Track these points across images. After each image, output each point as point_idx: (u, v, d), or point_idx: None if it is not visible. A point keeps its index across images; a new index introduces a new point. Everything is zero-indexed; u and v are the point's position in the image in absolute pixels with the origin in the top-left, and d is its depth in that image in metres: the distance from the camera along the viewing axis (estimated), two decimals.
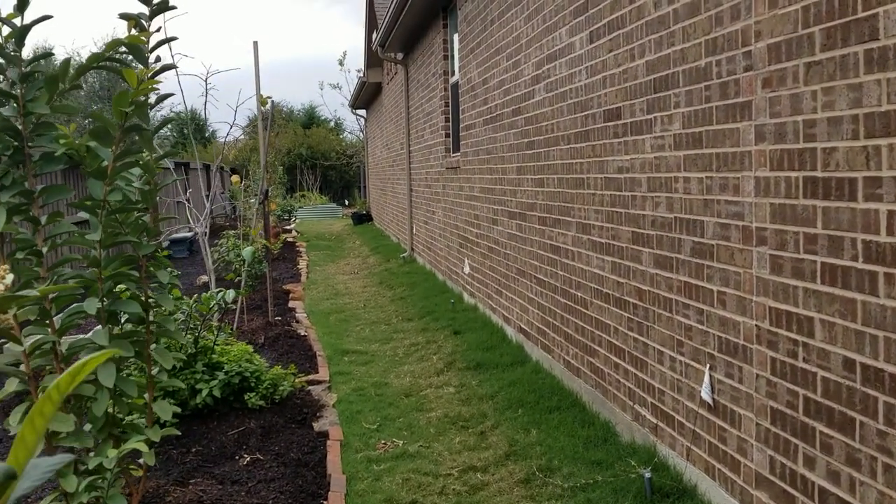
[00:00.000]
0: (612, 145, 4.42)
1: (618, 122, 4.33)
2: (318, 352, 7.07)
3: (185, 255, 15.34)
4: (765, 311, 2.98)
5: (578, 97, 4.93)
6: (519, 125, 6.34)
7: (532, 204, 6.06)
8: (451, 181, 9.53)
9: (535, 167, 5.95)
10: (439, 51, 10.18)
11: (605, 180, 4.54)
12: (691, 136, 3.52)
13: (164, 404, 3.72)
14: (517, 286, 6.63)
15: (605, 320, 4.64)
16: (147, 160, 3.51)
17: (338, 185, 34.72)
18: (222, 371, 5.22)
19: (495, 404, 5.30)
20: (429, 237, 11.45)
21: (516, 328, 6.72)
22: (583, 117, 4.87)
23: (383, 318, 8.68)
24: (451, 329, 7.64)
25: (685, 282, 3.61)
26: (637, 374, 4.19)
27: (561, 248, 5.40)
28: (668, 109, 3.72)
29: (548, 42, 5.52)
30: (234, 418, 5.14)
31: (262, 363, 5.50)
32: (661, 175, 3.81)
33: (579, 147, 4.95)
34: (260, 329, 7.83)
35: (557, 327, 5.57)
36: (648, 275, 3.99)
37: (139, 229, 3.55)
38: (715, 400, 3.37)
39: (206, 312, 4.79)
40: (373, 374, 6.38)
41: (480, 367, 6.20)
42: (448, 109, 10.07)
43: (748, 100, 3.06)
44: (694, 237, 3.51)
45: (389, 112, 17.11)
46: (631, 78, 4.14)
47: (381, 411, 5.36)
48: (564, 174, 5.26)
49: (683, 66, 3.57)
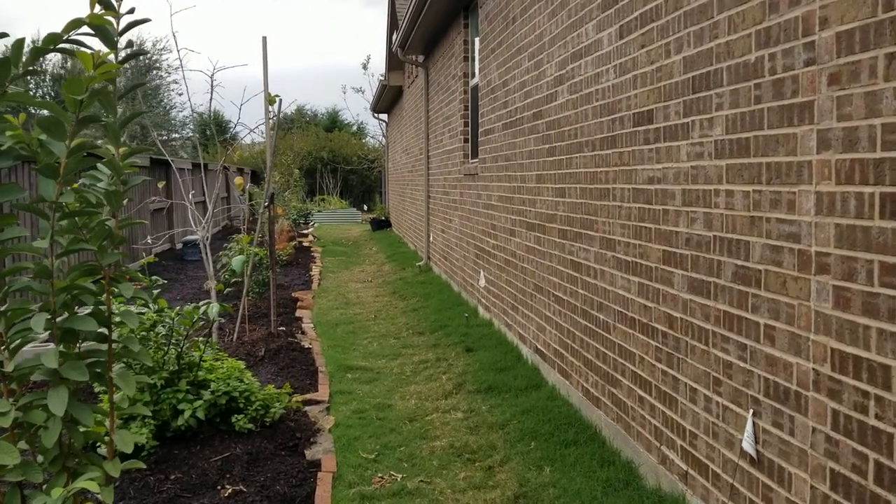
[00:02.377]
0: (641, 152, 3.94)
1: (649, 127, 3.85)
2: (321, 367, 6.64)
3: (198, 258, 15.04)
4: (825, 352, 2.49)
5: (605, 99, 4.46)
6: (540, 130, 5.87)
7: (552, 215, 5.58)
8: (469, 188, 9.07)
9: (555, 175, 5.48)
10: (459, 52, 9.74)
11: (633, 191, 4.06)
12: (736, 142, 3.03)
13: (124, 435, 3.28)
14: (534, 303, 6.15)
15: (629, 347, 4.15)
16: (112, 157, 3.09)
17: (358, 189, 34.39)
18: (208, 390, 4.79)
19: (506, 434, 4.81)
20: (445, 246, 11.00)
21: (532, 348, 6.24)
22: (609, 121, 4.39)
23: (393, 331, 8.23)
24: (464, 346, 7.17)
25: (725, 311, 3.11)
26: (665, 411, 3.69)
27: (582, 264, 4.92)
28: (709, 112, 3.24)
29: (572, 39, 5.05)
30: (219, 442, 4.71)
31: (254, 382, 5.06)
32: (699, 187, 3.33)
33: (605, 154, 4.48)
34: (261, 340, 7.41)
35: (576, 351, 5.08)
36: (681, 300, 3.50)
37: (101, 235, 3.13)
38: (759, 452, 2.87)
39: (189, 327, 4.37)
40: (376, 394, 5.92)
41: (492, 391, 5.72)
42: (467, 113, 9.63)
43: (809, 100, 2.57)
44: (737, 260, 3.02)
45: (409, 116, 16.71)
46: (665, 77, 3.66)
47: (381, 438, 4.90)
48: (588, 184, 4.78)
49: (728, 62, 3.08)
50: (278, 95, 7.45)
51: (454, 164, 10.20)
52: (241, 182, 7.15)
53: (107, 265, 3.14)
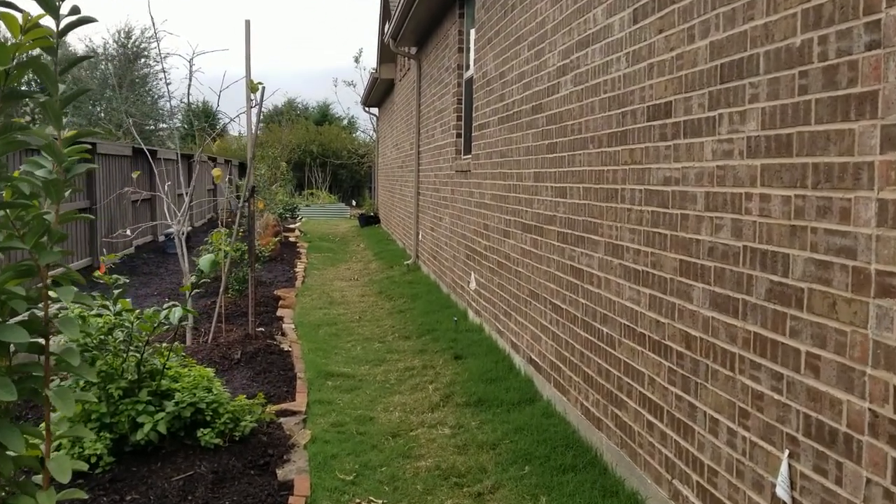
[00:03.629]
0: (657, 150, 3.54)
1: (666, 121, 3.44)
2: (299, 373, 6.21)
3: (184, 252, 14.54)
4: (886, 391, 2.09)
5: (615, 90, 4.05)
6: (539, 124, 5.46)
7: (551, 217, 5.17)
8: (461, 186, 8.65)
9: (556, 174, 5.07)
10: (454, 43, 9.31)
11: (645, 193, 3.65)
12: (775, 139, 2.63)
13: (61, 461, 2.84)
14: (528, 310, 5.74)
15: (637, 366, 3.74)
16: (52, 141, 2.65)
17: (348, 184, 33.89)
18: (172, 401, 4.36)
19: (497, 456, 4.40)
20: (435, 245, 10.58)
21: (525, 358, 5.83)
22: (619, 115, 3.99)
23: (378, 335, 7.81)
24: (452, 352, 6.75)
25: (756, 333, 2.71)
26: (679, 441, 3.29)
27: (584, 271, 4.51)
28: (741, 104, 2.84)
29: (578, 26, 4.64)
30: (182, 459, 4.28)
31: (223, 392, 4.62)
32: (726, 190, 2.92)
33: (613, 151, 4.07)
34: (237, 342, 6.97)
35: (575, 365, 4.67)
36: (701, 317, 3.10)
37: (38, 231, 2.69)
38: (795, 500, 2.47)
39: (150, 332, 3.94)
40: (358, 404, 5.50)
41: (482, 404, 5.31)
42: (461, 107, 9.20)
43: (871, 90, 2.17)
44: (773, 275, 2.62)
45: (401, 110, 16.26)
46: (688, 65, 3.25)
47: (361, 456, 4.48)
48: (592, 183, 4.37)
49: (767, 47, 2.68)
50: (261, 83, 7.01)
51: (445, 161, 9.78)
52: (220, 174, 6.70)
53: (45, 265, 2.71)
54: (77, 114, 32.59)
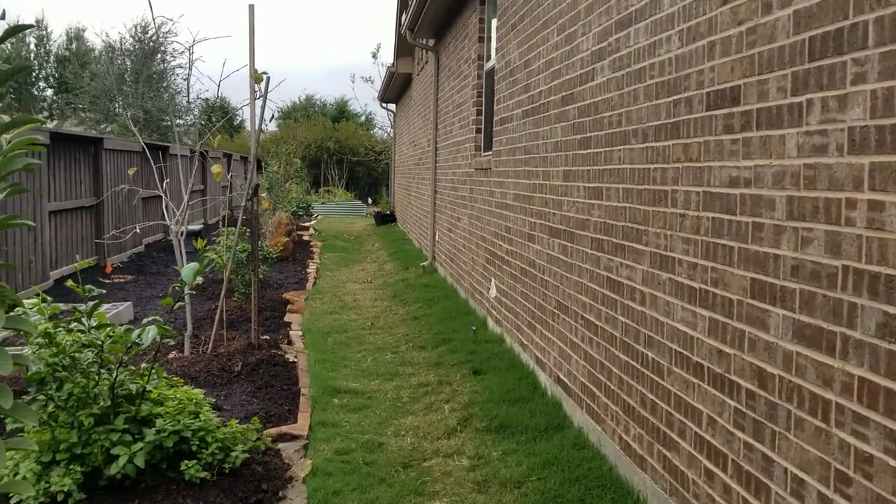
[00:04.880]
0: (720, 145, 2.95)
1: (733, 110, 2.85)
2: (303, 388, 5.67)
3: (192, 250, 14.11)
4: None
5: (664, 75, 3.46)
6: (570, 116, 4.88)
7: (583, 221, 4.59)
8: (480, 184, 8.08)
9: (589, 172, 4.49)
10: (474, 32, 8.73)
11: (704, 196, 3.07)
12: (890, 131, 2.04)
13: None
14: (556, 324, 5.16)
15: (692, 401, 3.16)
16: None
17: (365, 181, 33.38)
18: (153, 429, 3.83)
19: (523, 497, 3.83)
20: (452, 247, 10.01)
21: (552, 377, 5.25)
22: (670, 104, 3.40)
23: (391, 344, 7.26)
24: (471, 366, 6.19)
25: (862, 378, 2.13)
26: (749, 499, 2.71)
27: (624, 284, 3.93)
28: (839, 87, 2.25)
29: (618, 3, 4.06)
30: (164, 496, 3.75)
31: (212, 418, 4.08)
32: (818, 194, 2.33)
33: (661, 146, 3.48)
34: (239, 352, 6.45)
35: (613, 392, 4.09)
36: (781, 351, 2.51)
37: None
38: None
39: (122, 353, 3.42)
40: (366, 426, 4.95)
41: (504, 430, 4.74)
42: (481, 101, 8.62)
43: None
44: (888, 306, 2.03)
45: (418, 105, 15.71)
46: (763, 40, 2.66)
47: (367, 492, 3.93)
48: (635, 183, 3.79)
49: (880, 12, 2.09)
50: (265, 73, 6.48)
51: (464, 158, 9.21)
52: (219, 171, 6.18)
53: None
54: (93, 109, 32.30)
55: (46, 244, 9.91)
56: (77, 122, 33.30)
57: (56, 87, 37.72)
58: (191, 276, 3.41)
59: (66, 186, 10.83)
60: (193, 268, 3.46)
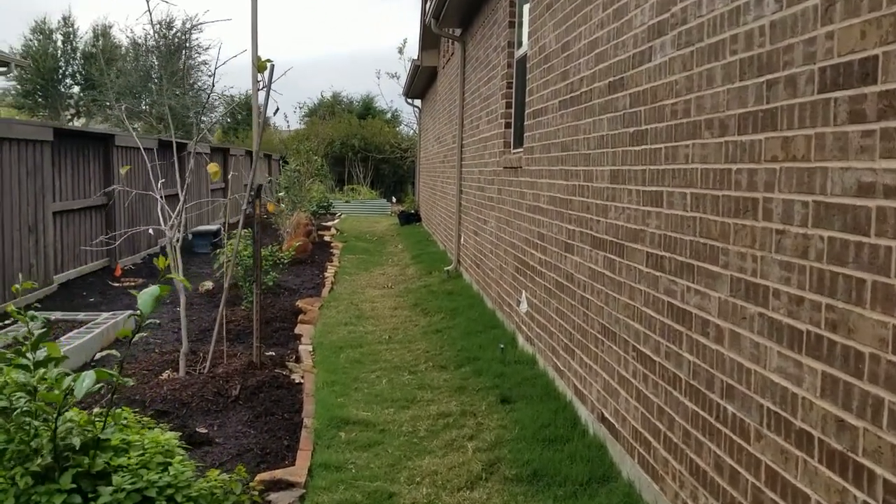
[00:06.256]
0: (842, 138, 2.17)
1: (864, 91, 2.07)
2: (307, 419, 4.97)
3: (208, 251, 13.52)
4: None
5: (751, 49, 2.68)
6: (619, 106, 4.10)
7: (636, 231, 3.81)
8: (509, 185, 7.31)
9: (644, 173, 3.71)
10: (503, 17, 7.95)
11: (816, 208, 2.28)
12: None
13: None
14: (600, 351, 4.39)
15: (793, 480, 2.37)
16: None
17: (390, 179, 32.68)
18: (109, 487, 3.12)
19: None
20: (478, 251, 9.25)
21: (596, 414, 4.48)
22: (762, 85, 2.61)
23: (409, 362, 6.53)
24: (498, 392, 5.44)
25: None
26: None
27: (692, 314, 3.14)
28: None
29: None
30: None
31: (185, 469, 3.36)
32: None
33: (749, 141, 2.70)
34: (238, 373, 5.76)
35: (675, 446, 3.31)
36: None
37: None
38: None
39: (59, 403, 2.72)
40: (375, 470, 4.23)
41: (538, 480, 3.98)
42: (510, 92, 7.84)
43: None
44: None
45: (443, 100, 14.96)
46: None
47: None
48: (709, 188, 3.01)
49: None
50: (269, 60, 5.78)
51: (492, 155, 8.44)
52: (216, 170, 5.49)
53: None
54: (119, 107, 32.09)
55: (50, 246, 9.32)
56: (102, 118, 33.07)
57: (83, 84, 37.59)
58: (148, 306, 2.71)
59: (73, 185, 10.25)
60: (153, 293, 2.75)
